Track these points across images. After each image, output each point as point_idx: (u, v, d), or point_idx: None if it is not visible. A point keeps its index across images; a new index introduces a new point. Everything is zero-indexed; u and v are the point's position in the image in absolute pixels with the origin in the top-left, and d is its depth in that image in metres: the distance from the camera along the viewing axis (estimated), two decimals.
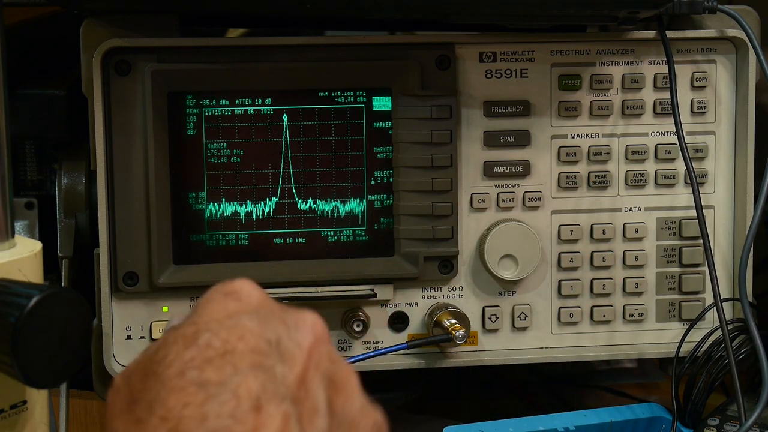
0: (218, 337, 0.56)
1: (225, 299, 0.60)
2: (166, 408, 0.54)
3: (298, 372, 0.57)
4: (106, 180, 0.86)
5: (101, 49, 0.84)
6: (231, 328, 0.57)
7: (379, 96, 0.89)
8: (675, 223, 0.93)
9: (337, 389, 0.58)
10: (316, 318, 0.59)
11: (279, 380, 0.56)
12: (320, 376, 0.58)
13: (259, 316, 0.58)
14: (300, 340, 0.58)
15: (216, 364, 0.55)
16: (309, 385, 0.57)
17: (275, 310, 0.59)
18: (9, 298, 0.60)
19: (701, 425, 0.87)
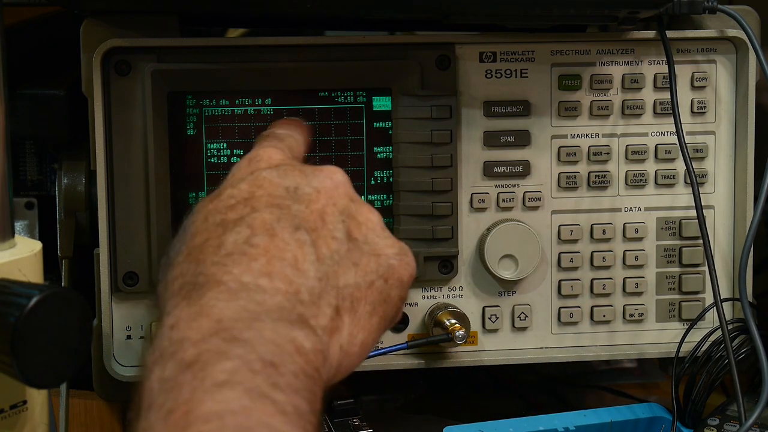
0: (239, 189, 0.63)
1: (248, 162, 0.67)
2: (189, 246, 0.61)
3: (314, 208, 0.62)
4: (106, 180, 0.86)
5: (101, 49, 0.84)
6: (251, 181, 0.64)
7: (379, 96, 0.89)
8: (675, 223, 0.93)
9: (357, 222, 0.64)
10: (334, 168, 0.65)
11: (295, 214, 0.61)
12: (338, 211, 0.63)
13: (279, 170, 0.65)
14: (317, 185, 0.64)
15: (236, 208, 0.62)
16: (326, 217, 0.62)
17: (295, 165, 0.66)
18: (9, 298, 0.60)
19: (701, 425, 0.87)
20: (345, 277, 0.61)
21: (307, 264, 0.59)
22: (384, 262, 0.63)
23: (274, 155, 0.67)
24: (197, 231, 0.62)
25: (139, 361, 0.88)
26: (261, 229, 0.59)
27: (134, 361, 0.89)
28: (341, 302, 0.60)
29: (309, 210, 0.62)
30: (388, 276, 0.63)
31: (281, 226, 0.60)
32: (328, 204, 0.63)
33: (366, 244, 0.63)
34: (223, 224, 0.61)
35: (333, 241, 0.61)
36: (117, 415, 0.94)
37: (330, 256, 0.61)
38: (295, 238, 0.60)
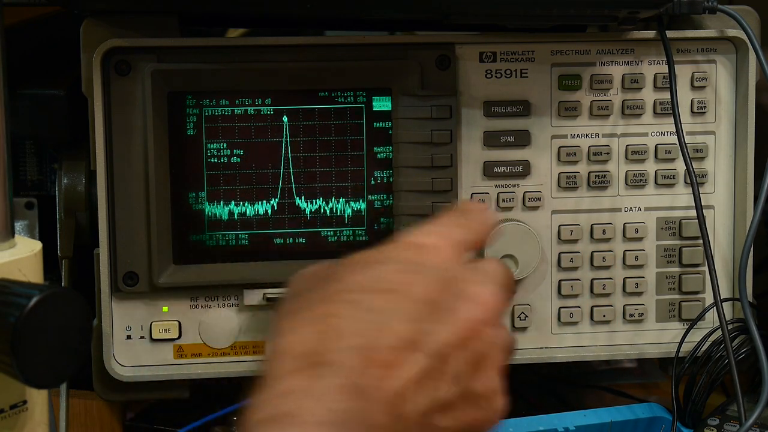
0: (391, 275, 0.58)
1: (407, 248, 0.62)
2: (322, 311, 0.57)
3: (449, 339, 0.57)
4: (106, 180, 0.86)
5: (101, 49, 0.84)
6: (406, 272, 0.59)
7: (379, 96, 0.89)
8: (675, 223, 0.93)
9: (480, 368, 0.59)
10: (493, 297, 0.60)
11: (430, 337, 0.56)
12: (469, 351, 0.58)
13: (438, 273, 0.59)
14: (464, 312, 0.58)
15: (379, 296, 0.57)
16: (455, 353, 0.57)
17: (458, 276, 0.60)
18: (9, 298, 0.60)
19: (701, 425, 0.87)
20: (443, 421, 0.57)
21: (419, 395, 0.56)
22: (481, 417, 0.59)
23: (443, 252, 0.62)
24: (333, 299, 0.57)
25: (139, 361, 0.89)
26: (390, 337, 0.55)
27: (134, 361, 0.89)
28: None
29: (438, 339, 0.57)
30: (476, 427, 0.59)
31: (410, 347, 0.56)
32: (462, 342, 0.58)
33: (472, 395, 0.59)
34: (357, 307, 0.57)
35: (442, 383, 0.57)
36: (117, 415, 0.94)
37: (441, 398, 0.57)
38: (419, 363, 0.56)
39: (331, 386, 0.53)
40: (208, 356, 0.90)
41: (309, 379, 0.53)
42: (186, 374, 0.89)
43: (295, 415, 0.52)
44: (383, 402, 0.54)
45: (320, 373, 0.53)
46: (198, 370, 0.89)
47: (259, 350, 0.90)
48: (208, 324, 0.89)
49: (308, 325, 0.56)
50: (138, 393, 0.90)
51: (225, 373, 0.90)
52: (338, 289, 0.58)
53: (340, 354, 0.54)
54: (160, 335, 0.88)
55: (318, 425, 0.51)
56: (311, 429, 0.51)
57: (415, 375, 0.55)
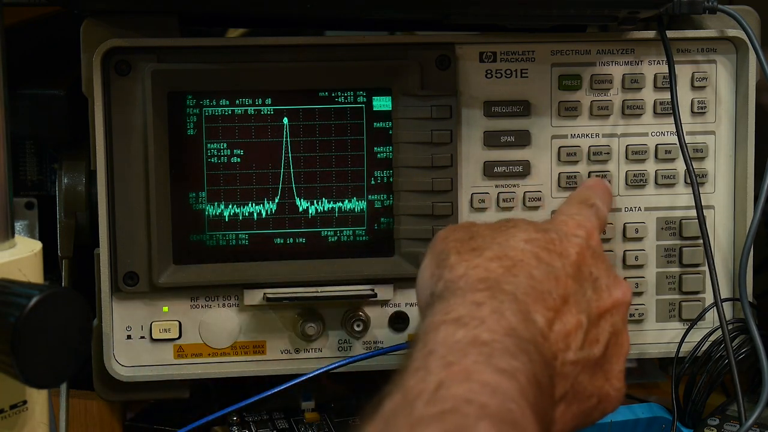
0: (552, 240, 0.68)
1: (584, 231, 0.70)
2: (501, 249, 0.67)
3: (601, 306, 0.67)
4: (106, 180, 0.86)
5: (101, 49, 0.84)
6: (565, 241, 0.68)
7: (379, 96, 0.89)
8: (675, 223, 0.93)
9: (617, 344, 0.68)
10: (628, 288, 0.70)
11: (587, 300, 0.66)
12: (611, 324, 0.67)
13: (595, 252, 0.69)
14: (612, 289, 0.68)
15: (547, 252, 0.67)
16: (603, 322, 0.67)
17: (607, 259, 0.70)
18: (9, 298, 0.60)
19: (701, 425, 0.87)
20: (583, 377, 0.65)
21: (573, 343, 0.64)
22: (607, 388, 0.67)
23: (596, 236, 0.71)
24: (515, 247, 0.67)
25: (139, 361, 0.89)
26: (561, 288, 0.65)
27: (134, 361, 0.89)
28: (570, 392, 0.64)
29: (597, 304, 0.67)
30: (603, 400, 0.67)
31: (574, 300, 0.65)
32: (610, 311, 0.67)
33: (608, 364, 0.67)
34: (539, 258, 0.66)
35: (595, 343, 0.66)
36: (117, 415, 0.94)
37: (586, 353, 0.65)
38: (578, 316, 0.64)
39: (508, 310, 0.60)
40: (208, 356, 0.89)
41: (490, 299, 0.61)
42: (186, 374, 0.89)
43: (478, 321, 0.59)
44: (548, 341, 0.62)
45: (498, 298, 0.61)
46: (198, 370, 0.89)
47: (259, 350, 0.90)
48: (208, 324, 0.89)
49: (490, 256, 0.66)
50: (138, 393, 0.90)
51: (225, 373, 0.90)
52: (514, 236, 0.67)
53: (516, 286, 0.63)
54: (160, 335, 0.88)
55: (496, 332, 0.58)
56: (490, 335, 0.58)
57: (573, 327, 0.64)
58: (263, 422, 0.91)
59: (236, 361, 0.90)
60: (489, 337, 0.57)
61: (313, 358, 0.90)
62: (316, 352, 0.90)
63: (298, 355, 0.90)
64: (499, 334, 0.58)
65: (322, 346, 0.90)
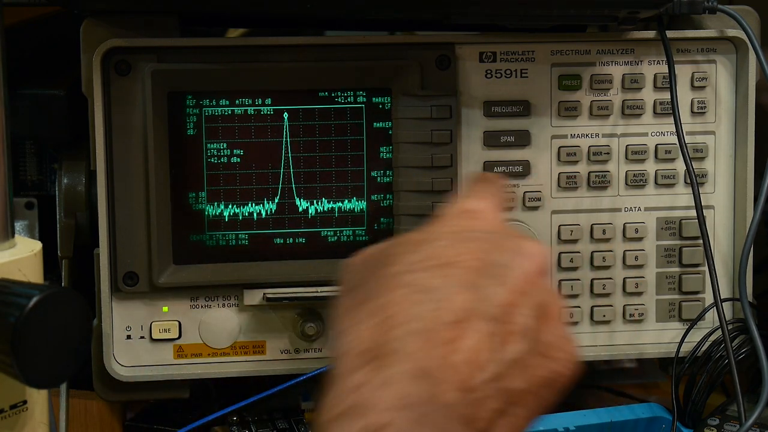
0: (442, 250, 0.59)
1: (459, 216, 0.63)
2: (377, 302, 0.57)
3: (506, 298, 0.57)
4: (106, 180, 0.86)
5: (101, 49, 0.84)
6: (456, 243, 0.59)
7: (379, 96, 0.89)
8: (675, 223, 0.93)
9: (544, 318, 0.59)
10: (538, 247, 0.60)
11: (490, 299, 0.57)
12: (530, 303, 0.58)
13: (487, 237, 0.60)
14: (519, 267, 0.59)
15: (433, 273, 0.58)
16: (515, 311, 0.57)
17: (505, 234, 0.61)
18: (9, 298, 0.60)
19: (701, 425, 0.87)
20: (515, 381, 0.57)
21: (486, 362, 0.55)
22: (553, 368, 0.59)
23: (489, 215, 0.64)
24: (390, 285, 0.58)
25: (139, 362, 0.89)
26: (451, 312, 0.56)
27: (134, 361, 0.89)
28: (505, 406, 0.56)
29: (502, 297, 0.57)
30: (554, 383, 0.59)
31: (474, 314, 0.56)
32: (522, 293, 0.58)
33: (542, 345, 0.58)
34: (417, 290, 0.57)
35: (512, 339, 0.57)
36: (117, 415, 0.94)
37: (508, 356, 0.57)
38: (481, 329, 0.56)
39: (398, 374, 0.53)
40: (208, 356, 0.89)
41: (375, 371, 0.54)
42: (186, 374, 0.89)
43: (367, 406, 0.52)
44: (451, 379, 0.54)
45: (385, 364, 0.54)
46: (198, 370, 0.89)
47: (259, 350, 0.90)
48: (208, 324, 0.89)
49: (366, 319, 0.57)
50: (138, 393, 0.90)
51: (225, 373, 0.90)
52: (392, 274, 0.58)
53: (401, 342, 0.55)
54: (160, 335, 0.88)
55: (390, 410, 0.52)
56: (385, 415, 0.52)
57: (477, 343, 0.55)
58: (263, 422, 0.91)
59: (236, 361, 0.90)
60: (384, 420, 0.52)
61: (313, 358, 0.90)
62: (316, 352, 0.90)
63: (298, 355, 0.90)
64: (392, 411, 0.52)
65: (322, 346, 0.90)
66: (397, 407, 0.52)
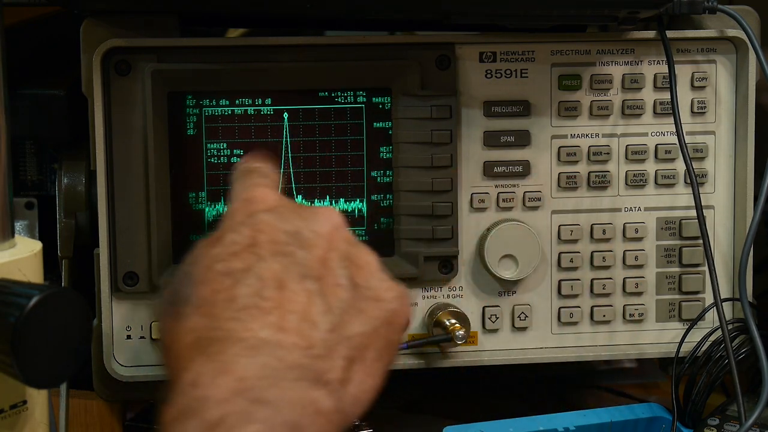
0: (241, 234, 0.62)
1: (245, 204, 0.65)
2: (199, 297, 0.59)
3: (318, 254, 0.61)
4: (106, 180, 0.86)
5: (101, 49, 0.84)
6: (252, 225, 0.62)
7: (379, 96, 0.89)
8: (675, 223, 0.93)
9: (357, 266, 0.63)
10: (331, 210, 0.65)
11: (300, 262, 0.60)
12: (340, 256, 0.62)
13: (277, 213, 0.63)
14: (317, 228, 0.63)
15: (241, 256, 0.60)
16: (329, 263, 0.61)
17: (293, 207, 0.65)
18: (9, 298, 0.60)
19: (701, 425, 0.87)
20: (353, 326, 0.60)
21: (318, 316, 0.58)
22: (386, 307, 0.62)
23: (269, 196, 0.66)
24: (202, 280, 0.60)
25: (139, 362, 0.89)
26: (270, 280, 0.59)
27: (134, 361, 0.89)
28: (352, 352, 0.59)
29: (312, 256, 0.61)
30: (391, 320, 0.62)
31: (289, 277, 0.59)
32: (330, 249, 0.62)
33: (368, 290, 0.62)
34: (230, 274, 0.59)
35: (338, 289, 0.61)
36: (117, 415, 0.94)
37: (338, 305, 0.60)
38: (303, 288, 0.59)
39: (232, 356, 0.55)
40: None
41: (209, 360, 0.56)
42: None
43: (202, 400, 0.54)
44: (288, 341, 0.57)
45: (217, 350, 0.56)
46: None
47: None
48: None
49: (191, 313, 0.59)
50: (138, 393, 0.90)
51: None
52: (202, 271, 0.60)
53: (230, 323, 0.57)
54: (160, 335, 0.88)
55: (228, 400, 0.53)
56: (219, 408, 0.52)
57: (305, 302, 0.58)
58: None
59: None
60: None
61: None
62: None
63: None
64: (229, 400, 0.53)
65: None
66: (236, 392, 0.53)
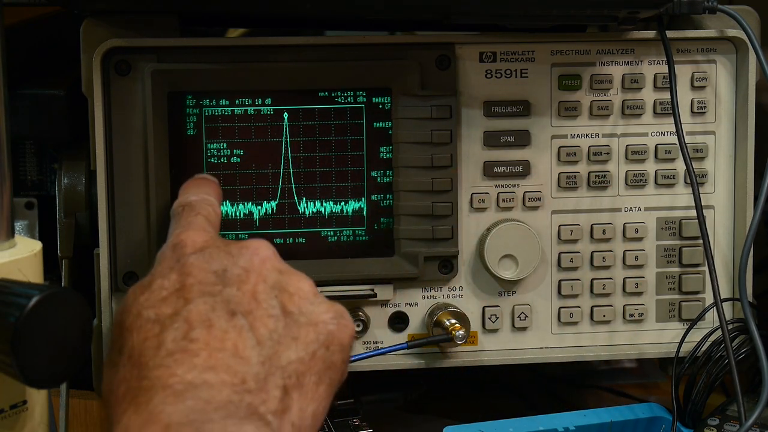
0: (169, 279, 0.62)
1: (173, 249, 0.66)
2: (129, 346, 0.60)
3: (247, 289, 0.62)
4: (106, 180, 0.86)
5: (101, 49, 0.84)
6: (179, 269, 0.63)
7: (379, 96, 0.89)
8: (675, 223, 0.93)
9: (289, 294, 0.63)
10: (259, 242, 0.65)
11: (228, 299, 0.60)
12: (270, 286, 0.62)
13: (204, 254, 0.64)
14: (244, 264, 0.63)
15: (168, 300, 0.61)
16: (258, 296, 0.62)
17: (220, 245, 0.65)
18: (9, 298, 0.60)
19: (701, 425, 0.87)
20: (287, 354, 0.60)
21: (248, 350, 0.58)
22: (323, 329, 0.62)
23: (197, 238, 0.67)
24: (132, 328, 0.60)
25: None
26: (197, 321, 0.59)
27: None
28: (287, 380, 0.59)
29: (241, 292, 0.61)
30: (329, 342, 0.62)
31: (217, 315, 0.59)
32: (259, 282, 0.62)
33: (302, 315, 0.62)
34: (158, 321, 0.60)
35: (270, 320, 0.61)
36: None
37: (269, 336, 0.60)
38: (232, 324, 0.59)
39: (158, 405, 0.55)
40: None
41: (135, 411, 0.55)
42: None
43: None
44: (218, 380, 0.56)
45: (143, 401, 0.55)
46: None
47: None
48: None
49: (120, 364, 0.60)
50: None
51: None
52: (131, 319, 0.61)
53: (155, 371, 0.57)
54: None
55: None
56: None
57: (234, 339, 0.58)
58: None
59: None
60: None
61: None
62: None
63: None
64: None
65: None
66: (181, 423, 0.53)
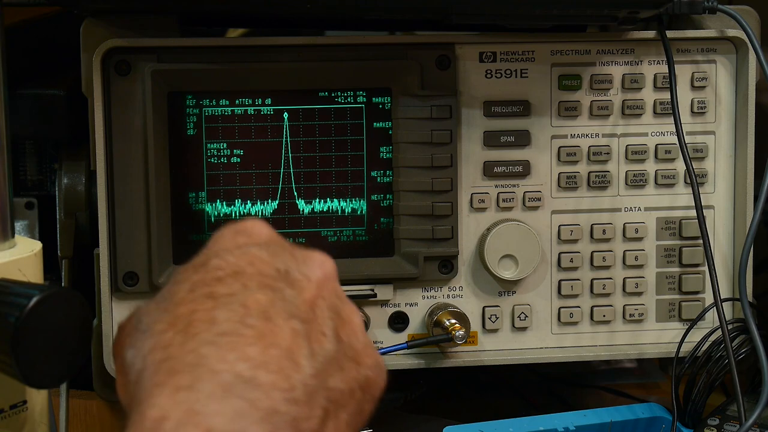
0: (227, 261, 0.57)
1: (235, 235, 0.61)
2: (174, 314, 0.54)
3: (306, 297, 0.56)
4: (106, 180, 0.86)
5: (101, 49, 0.84)
6: (240, 254, 0.58)
7: (379, 96, 0.89)
8: (675, 223, 0.93)
9: (343, 322, 0.58)
10: (325, 256, 0.60)
11: (288, 300, 0.55)
12: (328, 305, 0.57)
13: (269, 248, 0.59)
14: (308, 273, 0.58)
15: (226, 282, 0.56)
16: (317, 310, 0.56)
17: (285, 246, 0.60)
18: (9, 298, 0.60)
19: (701, 425, 0.87)
20: (333, 380, 0.55)
21: (302, 358, 0.53)
22: (363, 372, 0.58)
23: (262, 230, 0.62)
24: (182, 300, 0.55)
25: None
26: (255, 309, 0.54)
27: None
28: (329, 405, 0.54)
29: (301, 299, 0.57)
30: (366, 387, 0.58)
31: (275, 311, 0.54)
32: (318, 296, 0.58)
33: (350, 348, 0.58)
34: (213, 297, 0.55)
35: (324, 338, 0.56)
36: (117, 415, 0.94)
37: (321, 353, 0.55)
38: (289, 326, 0.54)
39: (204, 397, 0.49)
40: None
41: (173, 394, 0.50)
42: None
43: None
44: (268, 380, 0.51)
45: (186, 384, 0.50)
46: None
47: None
48: None
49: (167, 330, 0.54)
50: None
51: None
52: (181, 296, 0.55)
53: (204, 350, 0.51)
54: None
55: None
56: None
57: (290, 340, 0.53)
58: None
59: None
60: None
61: None
62: None
63: None
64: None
65: None
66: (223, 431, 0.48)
